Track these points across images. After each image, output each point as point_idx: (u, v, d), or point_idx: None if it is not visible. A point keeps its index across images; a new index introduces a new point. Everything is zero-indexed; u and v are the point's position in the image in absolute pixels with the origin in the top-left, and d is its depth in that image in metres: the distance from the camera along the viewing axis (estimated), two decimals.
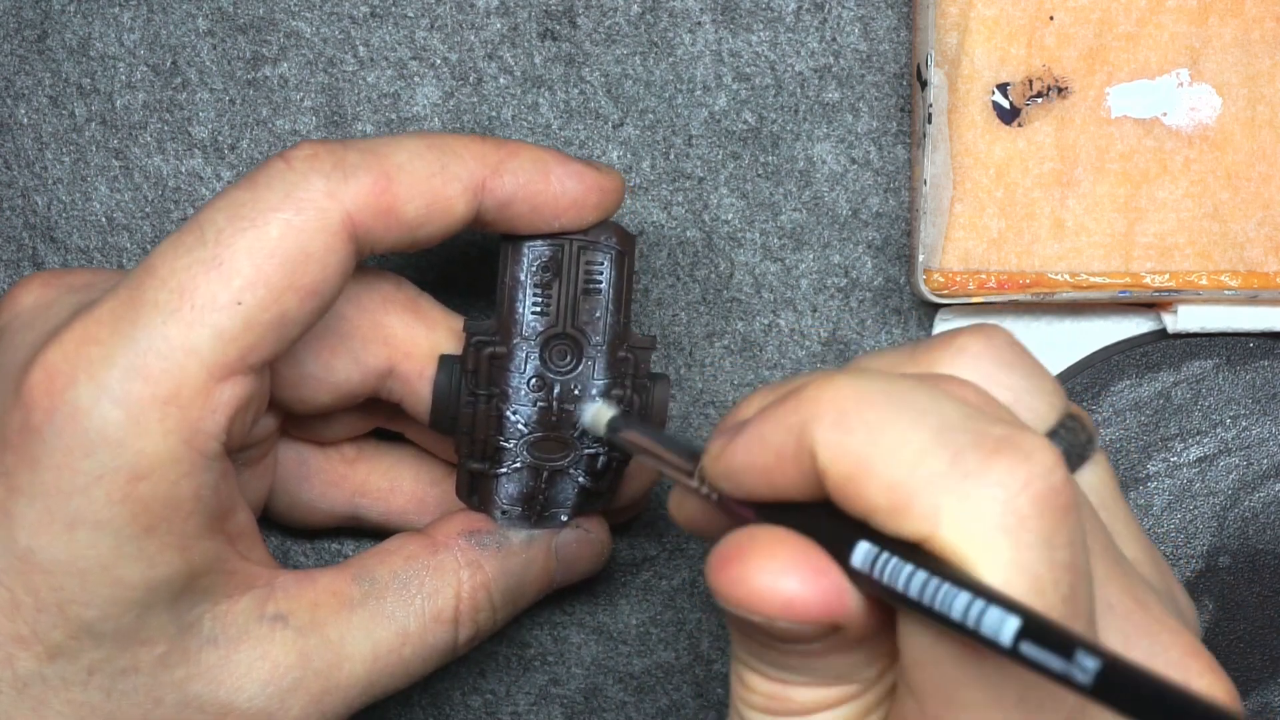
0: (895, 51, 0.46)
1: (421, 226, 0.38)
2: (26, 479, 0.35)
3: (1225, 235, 0.45)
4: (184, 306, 0.35)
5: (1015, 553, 0.27)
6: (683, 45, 0.46)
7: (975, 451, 0.28)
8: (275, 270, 0.35)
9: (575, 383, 0.40)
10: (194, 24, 0.46)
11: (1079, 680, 0.25)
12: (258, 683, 0.38)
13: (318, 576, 0.39)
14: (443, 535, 0.41)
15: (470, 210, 0.38)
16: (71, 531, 0.35)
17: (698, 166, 0.47)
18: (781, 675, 0.32)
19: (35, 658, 0.36)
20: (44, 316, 0.38)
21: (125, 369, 0.35)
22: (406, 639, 0.39)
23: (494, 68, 0.46)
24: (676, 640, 0.48)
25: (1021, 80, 0.45)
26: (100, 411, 0.35)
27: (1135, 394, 0.46)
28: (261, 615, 0.38)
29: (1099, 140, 0.45)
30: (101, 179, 0.46)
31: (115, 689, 0.37)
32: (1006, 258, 0.45)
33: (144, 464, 0.35)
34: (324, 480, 0.43)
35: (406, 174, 0.37)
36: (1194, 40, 0.45)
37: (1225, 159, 0.45)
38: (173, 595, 0.36)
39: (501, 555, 0.41)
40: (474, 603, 0.40)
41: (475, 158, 0.38)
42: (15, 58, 0.46)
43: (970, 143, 0.45)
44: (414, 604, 0.40)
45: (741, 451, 0.31)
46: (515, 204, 0.39)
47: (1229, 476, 0.46)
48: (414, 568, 0.40)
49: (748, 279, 0.47)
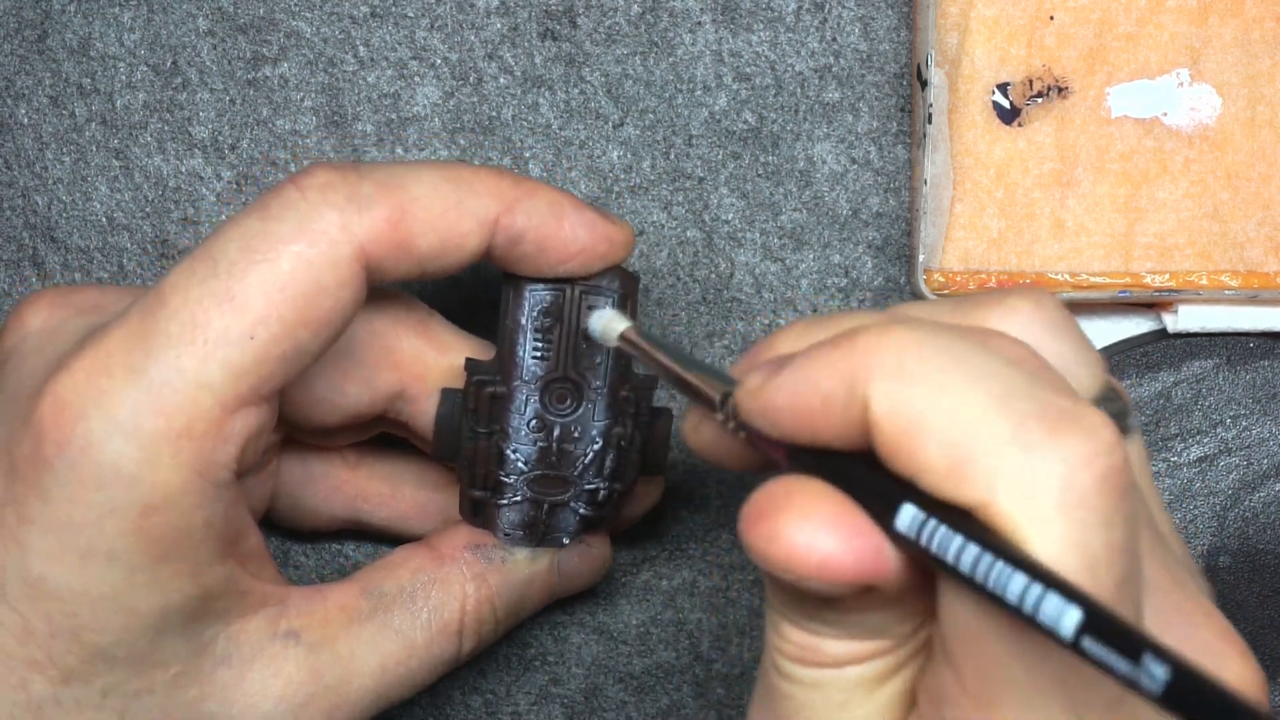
0: (895, 51, 0.46)
1: (432, 260, 0.37)
2: (38, 509, 0.35)
3: (1225, 235, 0.45)
4: (197, 339, 0.35)
5: (1073, 530, 0.27)
6: (683, 45, 0.46)
7: (1039, 422, 0.27)
8: (288, 305, 0.35)
9: (576, 425, 0.40)
10: (194, 24, 0.46)
11: (1147, 687, 0.24)
12: (271, 700, 0.38)
13: (328, 593, 0.39)
14: (448, 548, 0.41)
15: (482, 246, 0.38)
16: (84, 562, 0.35)
17: (698, 166, 0.46)
18: (814, 627, 0.31)
19: (49, 681, 0.36)
20: (52, 341, 0.37)
21: (137, 403, 0.35)
22: (413, 651, 0.40)
23: (494, 68, 0.46)
24: (677, 640, 0.47)
25: (1022, 80, 0.45)
26: (113, 446, 0.35)
27: (1135, 394, 0.46)
28: (274, 633, 0.38)
29: (1099, 140, 0.45)
30: (102, 179, 0.46)
31: (129, 711, 0.37)
32: (1006, 258, 0.45)
33: (157, 497, 0.35)
34: (326, 485, 0.43)
35: (421, 208, 0.37)
36: (1194, 40, 0.45)
37: (1225, 159, 0.45)
38: (186, 619, 0.36)
39: (506, 569, 0.41)
40: (478, 615, 0.40)
41: (492, 194, 0.38)
42: (15, 58, 0.46)
43: (970, 143, 0.45)
44: (420, 617, 0.40)
45: (785, 391, 0.30)
46: (524, 243, 0.38)
47: (1229, 476, 0.46)
48: (420, 580, 0.40)
49: (748, 279, 0.47)
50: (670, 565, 0.47)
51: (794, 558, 0.29)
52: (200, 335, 0.35)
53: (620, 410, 0.41)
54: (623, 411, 0.41)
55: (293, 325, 0.35)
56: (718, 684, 0.48)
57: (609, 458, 0.41)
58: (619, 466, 0.41)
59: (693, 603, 0.48)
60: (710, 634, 0.48)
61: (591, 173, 0.46)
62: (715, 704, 0.48)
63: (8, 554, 0.35)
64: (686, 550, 0.47)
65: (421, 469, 0.44)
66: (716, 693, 0.48)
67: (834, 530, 0.29)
